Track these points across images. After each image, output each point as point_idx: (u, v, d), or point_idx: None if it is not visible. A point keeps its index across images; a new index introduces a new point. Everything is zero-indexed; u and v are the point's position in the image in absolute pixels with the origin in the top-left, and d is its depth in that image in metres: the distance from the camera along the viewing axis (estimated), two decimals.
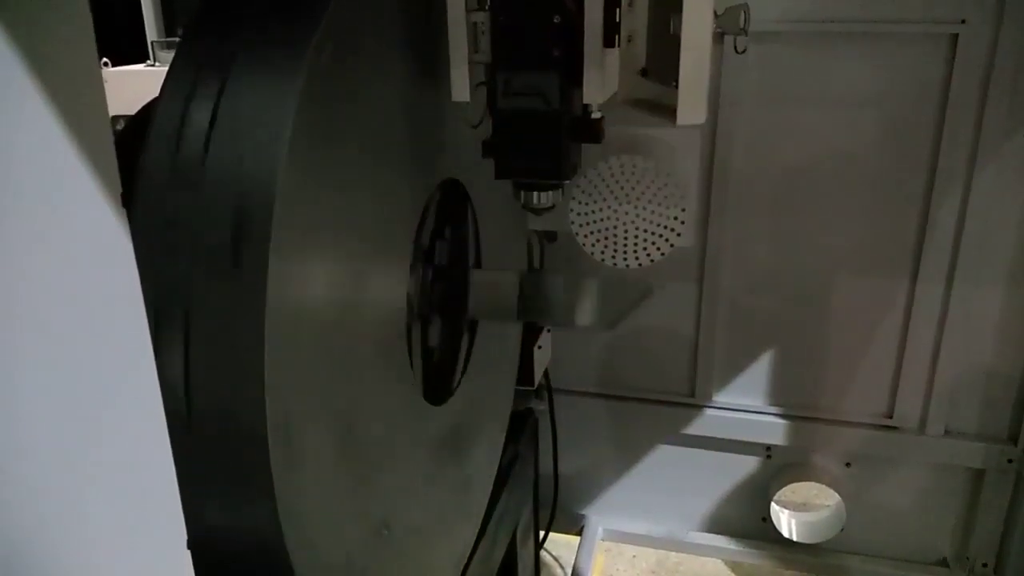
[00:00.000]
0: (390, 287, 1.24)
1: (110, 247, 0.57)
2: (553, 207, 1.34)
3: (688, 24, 1.03)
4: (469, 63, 1.20)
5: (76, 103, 0.52)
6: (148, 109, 1.34)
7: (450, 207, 1.48)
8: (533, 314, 1.63)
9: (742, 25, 1.36)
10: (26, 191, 0.51)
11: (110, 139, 0.55)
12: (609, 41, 1.15)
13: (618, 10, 1.14)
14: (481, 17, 1.18)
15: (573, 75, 1.17)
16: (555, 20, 1.14)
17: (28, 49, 0.49)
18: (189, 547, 0.68)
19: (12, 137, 0.49)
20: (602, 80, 1.17)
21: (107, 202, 0.54)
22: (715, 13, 1.08)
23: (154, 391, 0.63)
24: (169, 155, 0.92)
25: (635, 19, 1.16)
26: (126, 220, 0.57)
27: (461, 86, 1.21)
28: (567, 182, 1.33)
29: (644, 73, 1.18)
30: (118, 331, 0.61)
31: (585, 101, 1.20)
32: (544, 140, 1.22)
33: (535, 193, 1.32)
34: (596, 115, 1.23)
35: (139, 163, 0.93)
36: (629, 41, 1.17)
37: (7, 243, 0.50)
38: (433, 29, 1.21)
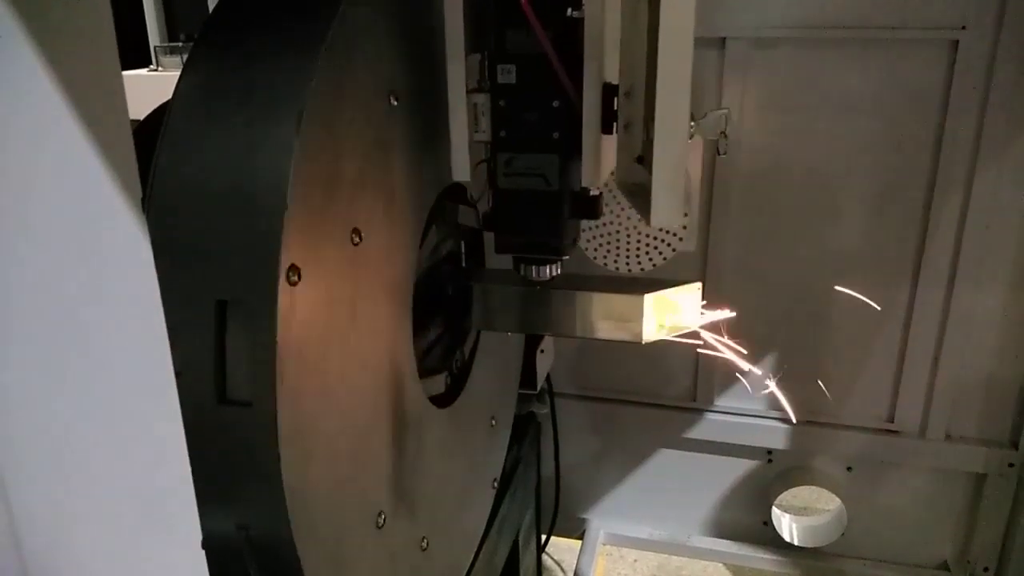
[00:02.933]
0: (396, 291, 1.24)
1: (130, 250, 0.58)
2: (552, 279, 1.36)
3: (661, 130, 1.03)
4: (470, 142, 1.23)
5: (98, 110, 0.52)
6: (157, 114, 1.35)
7: (453, 211, 1.49)
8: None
9: (723, 129, 1.36)
10: (48, 195, 0.52)
11: (131, 145, 0.55)
12: (607, 128, 1.18)
13: (616, 99, 1.16)
14: (481, 99, 1.22)
15: (573, 154, 1.20)
16: (554, 104, 1.17)
17: (52, 57, 0.50)
18: (203, 547, 0.69)
19: (36, 141, 0.50)
20: (599, 165, 1.20)
21: (127, 205, 0.55)
22: (693, 116, 1.08)
23: (171, 393, 0.64)
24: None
25: (633, 108, 1.17)
26: (145, 223, 0.58)
27: (462, 166, 1.25)
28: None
29: (640, 160, 1.19)
30: (136, 331, 0.62)
31: (583, 184, 1.23)
32: (544, 218, 1.25)
33: (534, 267, 1.34)
34: (594, 192, 1.25)
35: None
36: (626, 128, 1.19)
37: (30, 245, 0.51)
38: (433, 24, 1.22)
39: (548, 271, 1.34)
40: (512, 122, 1.20)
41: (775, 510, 2.59)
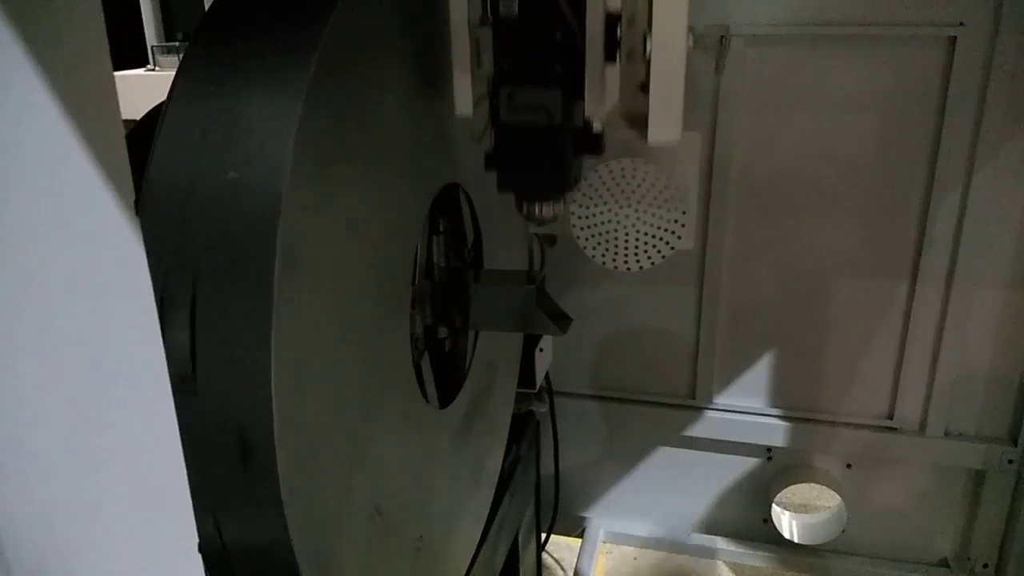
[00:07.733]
0: (394, 290, 1.24)
1: (123, 253, 0.58)
2: (555, 218, 1.34)
3: (659, 41, 1.01)
4: (471, 77, 1.21)
5: (89, 111, 0.52)
6: (154, 113, 1.35)
7: (452, 212, 1.49)
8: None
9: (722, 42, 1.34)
10: (40, 198, 0.52)
11: (123, 147, 0.55)
12: (610, 57, 1.16)
13: (619, 27, 1.14)
14: (483, 32, 1.19)
15: (575, 89, 1.18)
16: (556, 37, 1.15)
17: (42, 58, 0.50)
18: (200, 551, 0.69)
19: (27, 144, 0.50)
20: (603, 95, 1.18)
21: (120, 209, 0.55)
22: (691, 31, 1.06)
23: (165, 396, 0.64)
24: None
25: (635, 35, 1.14)
26: (139, 226, 0.58)
27: (464, 99, 1.22)
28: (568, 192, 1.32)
29: (644, 88, 1.17)
30: (130, 336, 0.61)
31: (587, 116, 1.21)
32: (547, 153, 1.22)
33: (537, 204, 1.32)
34: (597, 128, 1.23)
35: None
36: (629, 57, 1.16)
37: (22, 249, 0.51)
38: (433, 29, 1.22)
39: (551, 210, 1.32)
40: (514, 55, 1.17)
41: (775, 507, 2.59)
